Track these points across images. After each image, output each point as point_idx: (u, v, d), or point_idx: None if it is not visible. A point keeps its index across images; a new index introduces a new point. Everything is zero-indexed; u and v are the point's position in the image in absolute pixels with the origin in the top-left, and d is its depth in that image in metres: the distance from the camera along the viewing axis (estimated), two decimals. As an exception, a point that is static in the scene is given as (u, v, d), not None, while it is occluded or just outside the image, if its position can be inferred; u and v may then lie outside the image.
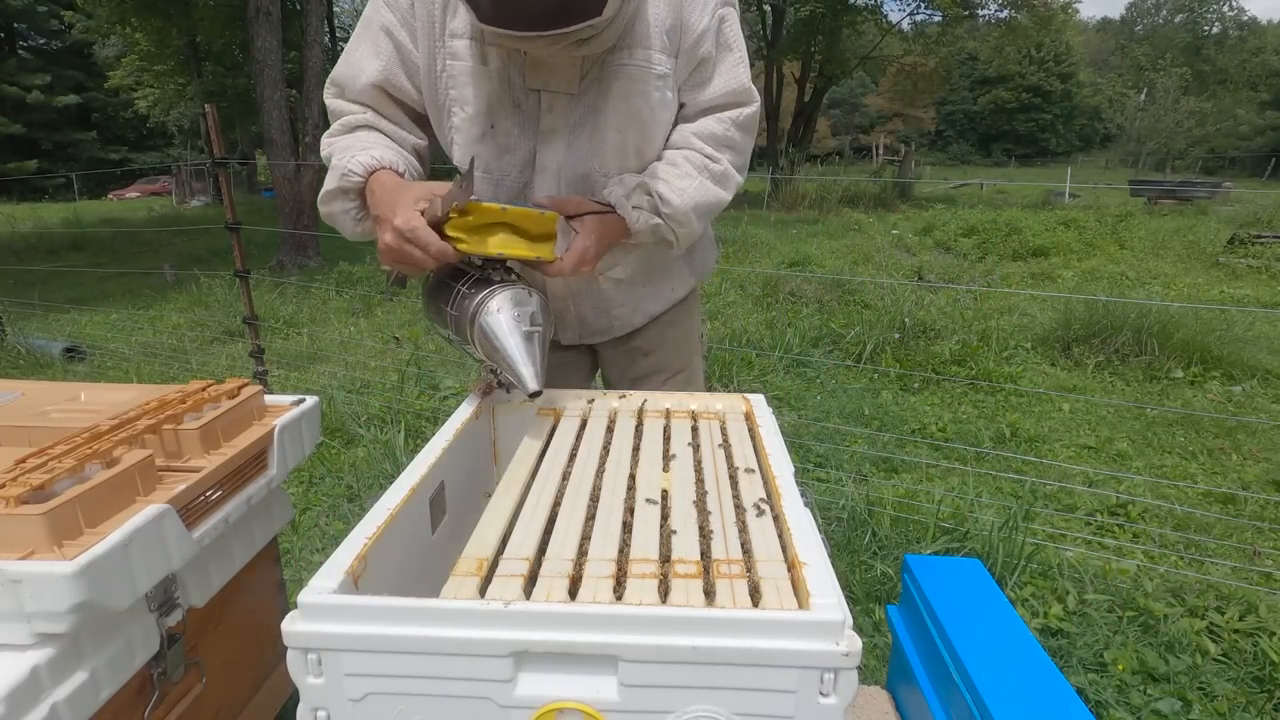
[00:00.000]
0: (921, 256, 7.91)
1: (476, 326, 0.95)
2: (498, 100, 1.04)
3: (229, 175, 3.17)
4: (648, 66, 1.04)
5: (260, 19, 7.99)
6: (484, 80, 1.03)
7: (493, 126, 1.06)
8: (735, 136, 1.13)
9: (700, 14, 1.05)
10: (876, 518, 2.30)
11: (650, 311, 1.30)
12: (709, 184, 1.11)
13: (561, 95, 1.04)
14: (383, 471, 2.72)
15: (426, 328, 4.56)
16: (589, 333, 1.31)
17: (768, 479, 0.87)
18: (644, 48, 1.03)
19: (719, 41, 1.08)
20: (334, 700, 0.60)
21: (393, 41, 1.06)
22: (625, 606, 0.59)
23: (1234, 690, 1.67)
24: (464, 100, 1.04)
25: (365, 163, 1.02)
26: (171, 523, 0.87)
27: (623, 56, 1.02)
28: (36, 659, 0.73)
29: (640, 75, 1.04)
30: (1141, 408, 3.58)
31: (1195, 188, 14.93)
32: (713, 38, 1.07)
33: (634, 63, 1.03)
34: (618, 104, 1.05)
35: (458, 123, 1.06)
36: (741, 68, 1.11)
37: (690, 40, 1.05)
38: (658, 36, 1.03)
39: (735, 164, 1.14)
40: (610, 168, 1.10)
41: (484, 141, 1.07)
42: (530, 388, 0.93)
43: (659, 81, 1.05)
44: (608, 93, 1.04)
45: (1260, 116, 41.50)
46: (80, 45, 27.26)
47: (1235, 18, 48.42)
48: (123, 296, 6.79)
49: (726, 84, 1.10)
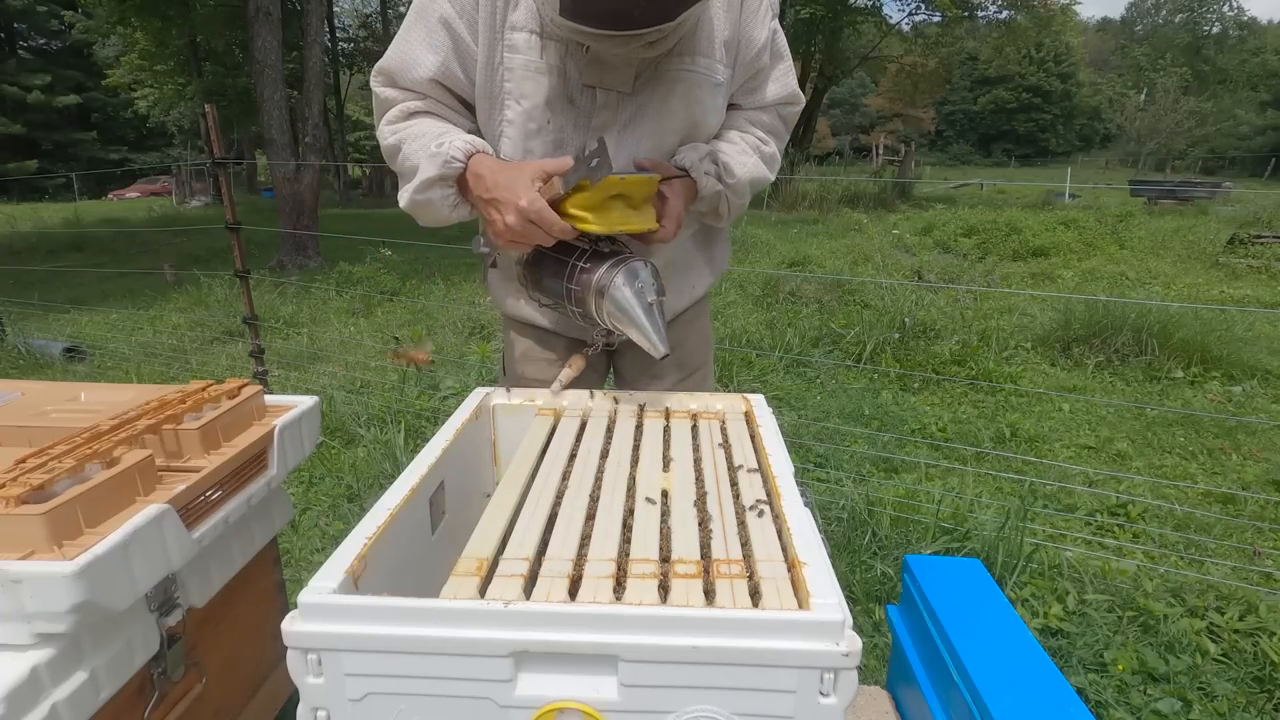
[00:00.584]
0: (921, 256, 7.91)
1: (606, 300, 0.99)
2: (553, 95, 1.05)
3: (229, 175, 3.17)
4: (709, 75, 1.07)
5: (260, 19, 7.99)
6: (541, 74, 1.04)
7: (548, 121, 1.07)
8: (780, 128, 1.23)
9: (760, 28, 1.10)
10: (876, 518, 2.30)
11: (673, 308, 1.30)
12: (760, 163, 1.18)
13: (614, 94, 1.06)
14: (383, 471, 2.72)
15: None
16: None
17: (768, 479, 0.87)
18: (706, 56, 1.06)
19: (772, 51, 1.15)
20: (334, 700, 0.60)
21: (450, 34, 1.05)
22: (625, 606, 0.59)
23: (1234, 690, 1.67)
24: (520, 94, 1.05)
25: (462, 147, 1.01)
26: (171, 523, 0.87)
27: (685, 62, 1.05)
28: (36, 659, 0.73)
29: (701, 82, 1.07)
30: (1141, 408, 3.58)
31: (1195, 188, 14.93)
32: (768, 49, 1.14)
33: (697, 69, 1.06)
34: (678, 108, 1.08)
35: (511, 116, 1.06)
36: (790, 75, 1.19)
37: (751, 53, 1.11)
38: (718, 47, 1.07)
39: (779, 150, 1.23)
40: None
41: (539, 136, 1.07)
42: (661, 350, 0.98)
43: (715, 89, 1.09)
44: (669, 96, 1.07)
45: (1260, 116, 41.51)
46: (80, 45, 27.26)
47: (1235, 18, 48.42)
48: (123, 296, 6.79)
49: (779, 90, 1.19)
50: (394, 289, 6.57)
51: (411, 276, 7.19)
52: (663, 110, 1.08)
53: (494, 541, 0.74)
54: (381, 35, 23.13)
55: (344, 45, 23.44)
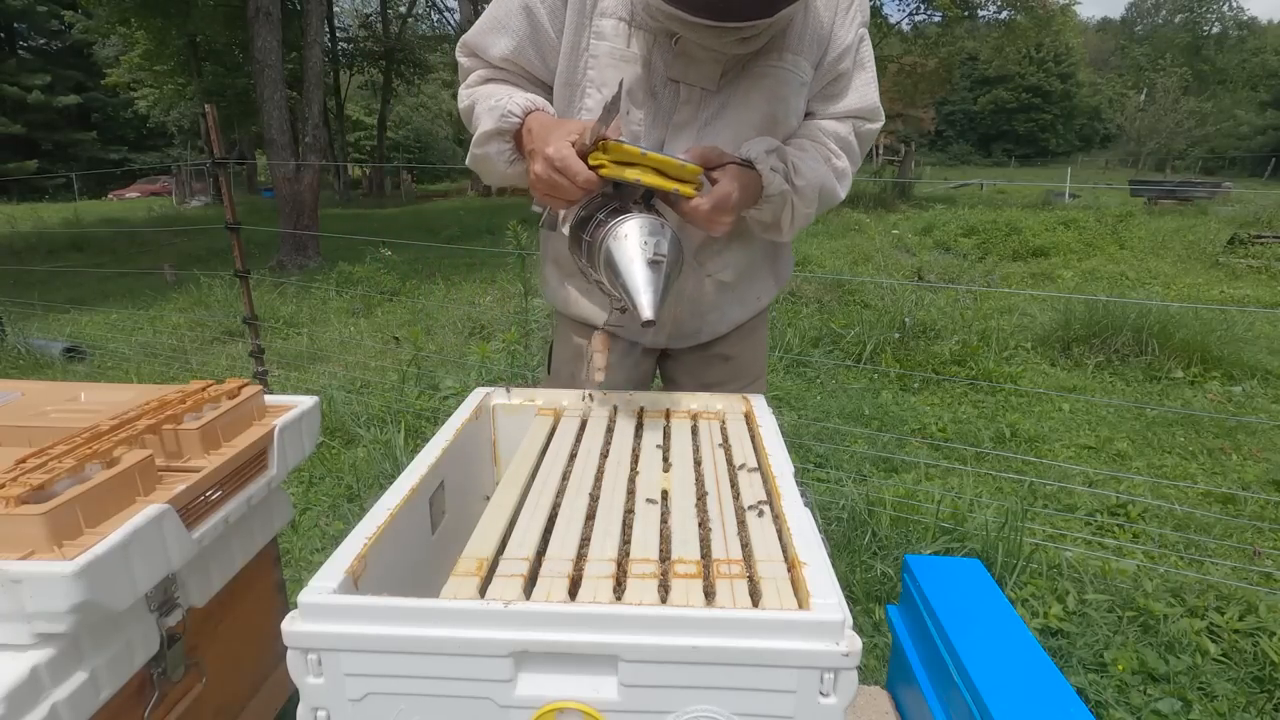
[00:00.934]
0: (921, 256, 7.91)
1: (603, 249, 0.91)
2: (635, 86, 1.03)
3: (229, 175, 3.17)
4: (795, 72, 1.04)
5: (260, 19, 7.99)
6: (626, 64, 1.02)
7: (628, 112, 1.05)
8: (854, 146, 1.14)
9: (847, 29, 1.06)
10: (876, 518, 2.30)
11: (736, 319, 1.29)
12: (831, 175, 1.11)
13: (697, 89, 1.03)
14: (383, 471, 2.72)
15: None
16: (678, 336, 1.29)
17: (768, 479, 0.87)
18: (794, 53, 1.03)
19: (857, 58, 1.10)
20: (334, 700, 0.60)
21: (529, 20, 1.04)
22: (625, 606, 0.59)
23: (1234, 690, 1.67)
24: (602, 82, 1.03)
25: (522, 104, 1.00)
26: (171, 523, 0.87)
27: (773, 58, 1.02)
28: (36, 659, 0.73)
29: (787, 79, 1.04)
30: (1141, 408, 3.58)
31: (1195, 188, 14.93)
32: (853, 54, 1.08)
33: (784, 66, 1.03)
34: (761, 104, 1.04)
35: (591, 105, 1.05)
36: (872, 86, 1.13)
37: (835, 54, 1.06)
38: (807, 44, 1.04)
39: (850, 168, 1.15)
40: None
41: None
42: (645, 315, 0.87)
43: (800, 88, 1.06)
44: (751, 91, 1.04)
45: (1260, 116, 41.51)
46: (80, 45, 27.26)
47: (1235, 17, 48.43)
48: (123, 296, 6.79)
49: (858, 101, 1.12)
50: (394, 289, 6.57)
51: (411, 276, 7.19)
52: (744, 105, 1.05)
53: (494, 541, 0.74)
54: (381, 35, 23.14)
55: (344, 45, 23.43)
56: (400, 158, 31.85)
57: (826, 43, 1.06)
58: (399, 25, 22.65)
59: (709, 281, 1.22)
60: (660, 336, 1.29)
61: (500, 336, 4.01)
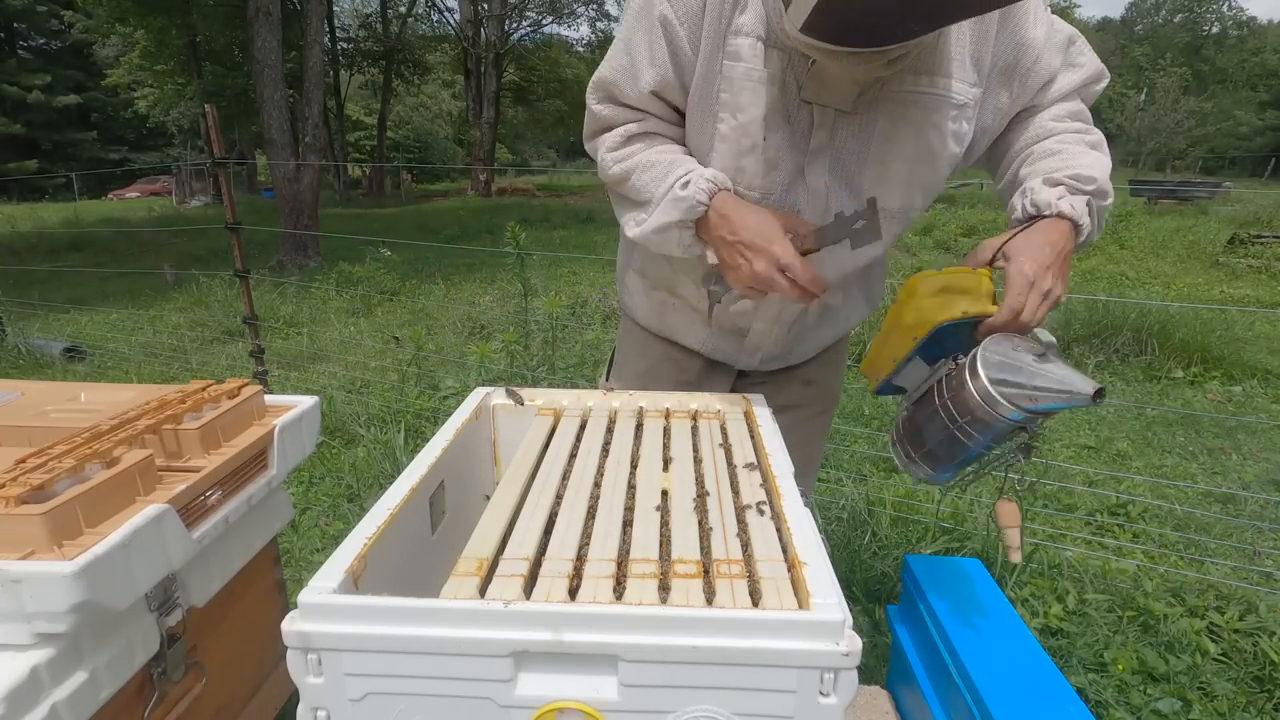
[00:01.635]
0: (921, 257, 7.91)
1: (1000, 388, 0.81)
2: (771, 110, 0.96)
3: (229, 175, 3.17)
4: (946, 95, 0.94)
5: (260, 19, 7.99)
6: (762, 85, 0.94)
7: (764, 138, 0.97)
8: (1087, 115, 1.02)
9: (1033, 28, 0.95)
10: (876, 518, 2.30)
11: (824, 341, 1.23)
12: (1099, 154, 0.97)
13: (831, 112, 0.96)
14: (383, 471, 2.72)
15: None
16: (766, 359, 1.23)
17: (768, 479, 0.87)
18: (944, 75, 0.93)
19: (1056, 43, 0.98)
20: (334, 700, 0.60)
21: (669, 39, 0.95)
22: (625, 606, 0.59)
23: (1234, 690, 1.67)
24: (736, 106, 0.96)
25: (707, 189, 0.95)
26: (171, 523, 0.87)
27: (921, 82, 0.93)
28: (36, 659, 0.73)
29: (937, 105, 0.95)
30: (1141, 408, 3.58)
31: (1195, 188, 14.93)
32: (1052, 45, 0.97)
33: (934, 90, 0.94)
34: (909, 134, 0.96)
35: (725, 130, 0.97)
36: (1085, 51, 1.00)
37: (1032, 58, 0.96)
38: (958, 63, 0.94)
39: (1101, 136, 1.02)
40: (894, 203, 1.02)
41: (752, 154, 0.98)
42: (1090, 388, 0.78)
43: (955, 111, 0.96)
44: (899, 121, 0.96)
45: (1260, 117, 41.52)
46: (80, 45, 27.27)
47: (1235, 17, 48.44)
48: (123, 296, 6.79)
49: (1081, 75, 1.00)
50: (394, 289, 6.57)
51: (411, 276, 7.19)
52: (891, 135, 0.96)
53: (494, 541, 0.74)
54: (381, 35, 23.15)
55: (344, 45, 23.44)
56: (400, 158, 31.84)
57: (1021, 50, 0.95)
58: (399, 25, 22.65)
59: (815, 304, 1.14)
60: (754, 359, 1.23)
61: (500, 336, 4.01)
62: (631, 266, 1.25)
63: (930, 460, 0.92)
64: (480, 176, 21.31)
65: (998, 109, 1.00)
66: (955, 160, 1.01)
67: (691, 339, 1.23)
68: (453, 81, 30.35)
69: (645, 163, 0.99)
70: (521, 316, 4.00)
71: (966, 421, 0.84)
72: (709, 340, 1.22)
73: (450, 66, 26.15)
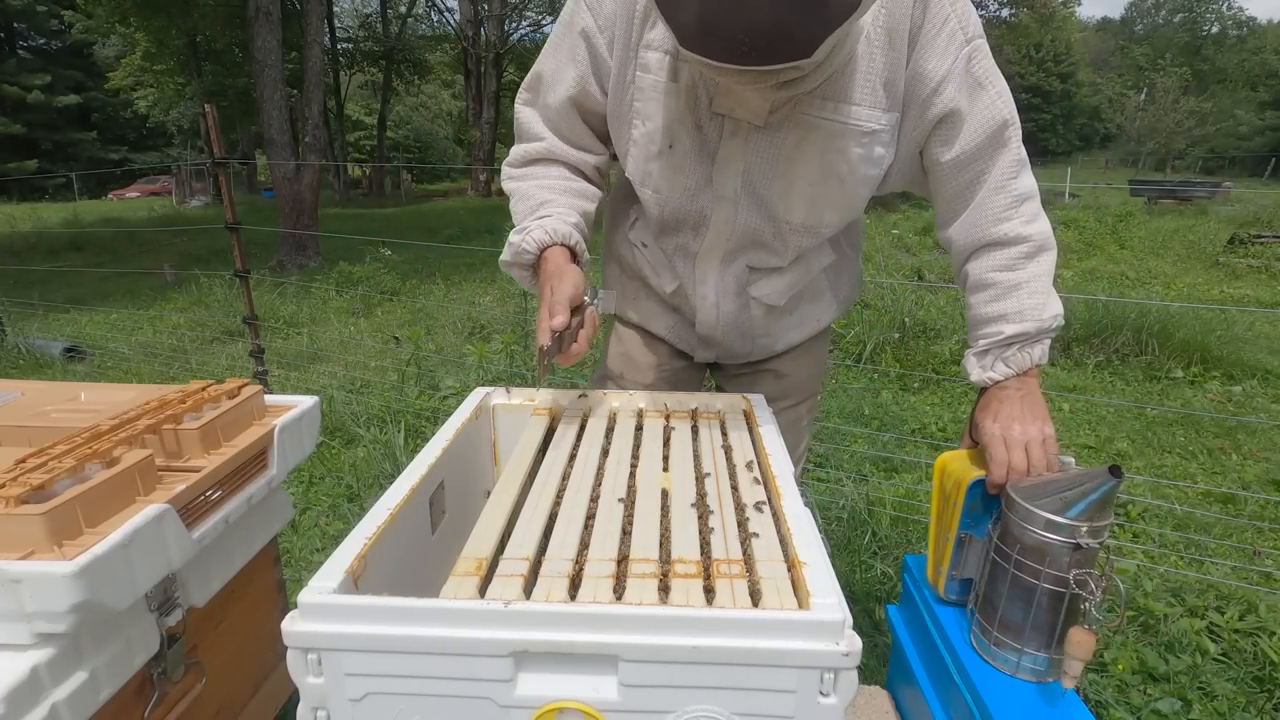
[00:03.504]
0: (921, 256, 7.91)
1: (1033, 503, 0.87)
2: (680, 119, 1.00)
3: (229, 175, 3.17)
4: (851, 124, 0.95)
5: (260, 19, 7.99)
6: (671, 97, 0.99)
7: (670, 146, 1.02)
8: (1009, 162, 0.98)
9: (940, 58, 0.92)
10: (876, 518, 2.30)
11: (792, 340, 1.26)
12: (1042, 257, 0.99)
13: (744, 124, 0.98)
14: (383, 471, 2.72)
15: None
16: (728, 355, 1.27)
17: (768, 479, 0.87)
18: (848, 103, 0.94)
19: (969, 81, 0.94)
20: (334, 700, 0.60)
21: (589, 47, 1.03)
22: (625, 606, 0.59)
23: (1234, 690, 1.67)
24: (647, 115, 1.02)
25: (539, 241, 1.01)
26: (171, 523, 0.87)
27: (827, 109, 0.95)
28: (36, 659, 0.73)
29: (841, 132, 0.96)
30: (1141, 408, 3.58)
31: (1195, 188, 14.93)
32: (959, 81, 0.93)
33: (836, 118, 0.95)
34: (812, 157, 0.98)
35: (636, 135, 1.04)
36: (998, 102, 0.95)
37: (926, 90, 0.94)
38: (868, 90, 0.94)
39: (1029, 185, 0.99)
40: (796, 217, 1.05)
41: (659, 160, 1.04)
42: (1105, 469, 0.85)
43: (864, 139, 0.97)
44: (803, 142, 0.98)
45: (1260, 116, 41.51)
46: (80, 45, 27.30)
47: (1234, 17, 48.45)
48: (123, 296, 6.79)
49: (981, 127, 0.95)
50: (394, 289, 6.57)
51: (411, 276, 7.19)
52: (795, 158, 0.99)
53: (493, 541, 0.74)
54: (381, 35, 23.14)
55: (344, 45, 23.44)
56: (400, 158, 31.85)
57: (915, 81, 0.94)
58: (399, 25, 22.65)
59: (756, 305, 1.18)
60: (709, 354, 1.27)
61: (500, 337, 4.01)
62: (611, 256, 1.31)
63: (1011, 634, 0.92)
64: (480, 176, 21.31)
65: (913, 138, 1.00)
66: (873, 181, 1.03)
67: (659, 325, 1.27)
68: (453, 81, 30.35)
69: (523, 193, 1.09)
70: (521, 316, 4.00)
71: (1019, 553, 0.88)
72: (674, 329, 1.26)
73: (450, 66, 26.15)
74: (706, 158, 1.02)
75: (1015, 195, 0.98)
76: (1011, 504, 0.89)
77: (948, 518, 1.02)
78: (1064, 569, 0.86)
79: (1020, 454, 0.93)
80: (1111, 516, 0.87)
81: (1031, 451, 0.93)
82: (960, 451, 1.06)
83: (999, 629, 0.93)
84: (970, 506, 0.98)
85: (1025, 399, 0.98)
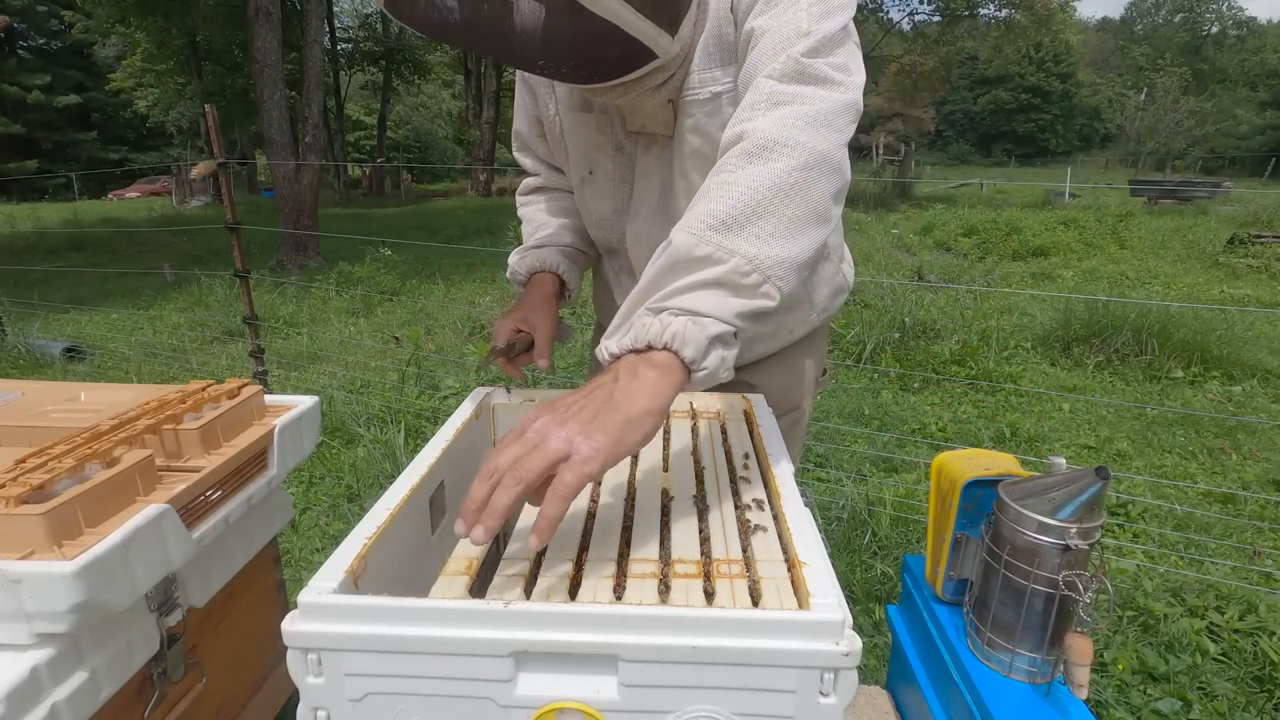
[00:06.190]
0: (921, 256, 7.91)
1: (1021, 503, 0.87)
2: (597, 145, 1.02)
3: (229, 175, 3.17)
4: (702, 89, 0.90)
5: (260, 19, 7.99)
6: (585, 124, 1.02)
7: (590, 172, 1.05)
8: (806, 70, 0.74)
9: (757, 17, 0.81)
10: (876, 518, 2.30)
11: (760, 352, 1.20)
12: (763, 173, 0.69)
13: (659, 137, 0.98)
14: (383, 471, 2.73)
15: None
16: None
17: (768, 479, 0.87)
18: (696, 70, 0.90)
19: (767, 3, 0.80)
20: (334, 700, 0.60)
21: (526, 87, 1.08)
22: (625, 606, 0.59)
23: (1234, 690, 1.67)
24: (570, 145, 1.05)
25: (529, 266, 1.12)
26: (171, 523, 0.87)
27: (690, 89, 0.91)
28: (36, 659, 0.73)
29: (697, 102, 0.91)
30: (1141, 408, 3.58)
31: (1195, 188, 14.94)
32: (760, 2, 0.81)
33: (690, 91, 0.91)
34: (683, 142, 0.95)
35: (569, 164, 1.08)
36: (794, 8, 0.77)
37: (742, 13, 0.83)
38: (706, 50, 0.88)
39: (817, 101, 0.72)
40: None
41: (586, 185, 1.07)
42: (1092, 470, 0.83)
43: (709, 102, 0.90)
44: (682, 131, 0.95)
45: (1260, 116, 41.53)
46: (80, 45, 27.30)
47: (1234, 17, 48.46)
48: (123, 296, 6.79)
49: (777, 35, 0.77)
50: (394, 289, 6.57)
51: (411, 276, 7.19)
52: (680, 141, 0.96)
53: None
54: (381, 35, 23.13)
55: (344, 45, 23.45)
56: (400, 157, 31.84)
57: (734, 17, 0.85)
58: (399, 25, 22.61)
59: None
60: None
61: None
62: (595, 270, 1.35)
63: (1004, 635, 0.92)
64: (480, 176, 21.31)
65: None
66: None
67: None
68: (452, 81, 30.36)
69: (528, 217, 1.19)
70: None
71: (1010, 554, 0.88)
72: None
73: (450, 66, 26.16)
74: (628, 178, 1.04)
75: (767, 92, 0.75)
76: (1003, 505, 0.90)
77: (944, 518, 1.03)
78: (1054, 570, 0.86)
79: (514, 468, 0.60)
80: (1102, 518, 0.87)
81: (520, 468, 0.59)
82: (958, 452, 1.07)
83: (992, 630, 0.94)
84: (965, 507, 0.99)
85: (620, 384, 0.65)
